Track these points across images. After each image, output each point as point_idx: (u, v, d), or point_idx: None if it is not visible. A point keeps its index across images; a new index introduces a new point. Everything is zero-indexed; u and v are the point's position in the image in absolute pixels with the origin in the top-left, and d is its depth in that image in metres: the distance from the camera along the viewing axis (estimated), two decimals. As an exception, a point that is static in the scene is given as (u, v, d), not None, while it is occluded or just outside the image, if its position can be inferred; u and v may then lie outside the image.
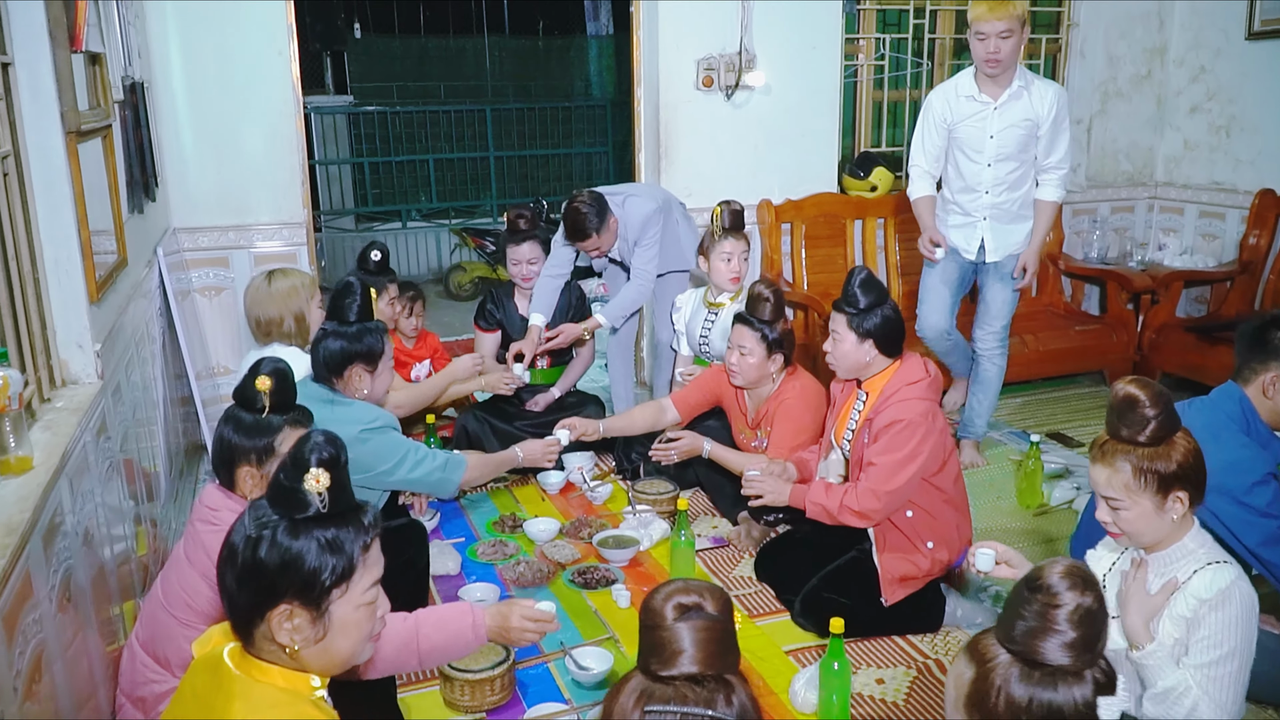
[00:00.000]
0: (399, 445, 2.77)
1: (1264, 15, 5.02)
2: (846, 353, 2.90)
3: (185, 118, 4.28)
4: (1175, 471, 1.90)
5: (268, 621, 1.40)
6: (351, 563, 1.44)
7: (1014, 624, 1.33)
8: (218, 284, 4.48)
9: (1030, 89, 3.70)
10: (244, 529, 1.42)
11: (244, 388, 2.10)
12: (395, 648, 1.96)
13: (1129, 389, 1.93)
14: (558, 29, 12.86)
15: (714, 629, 1.34)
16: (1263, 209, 5.05)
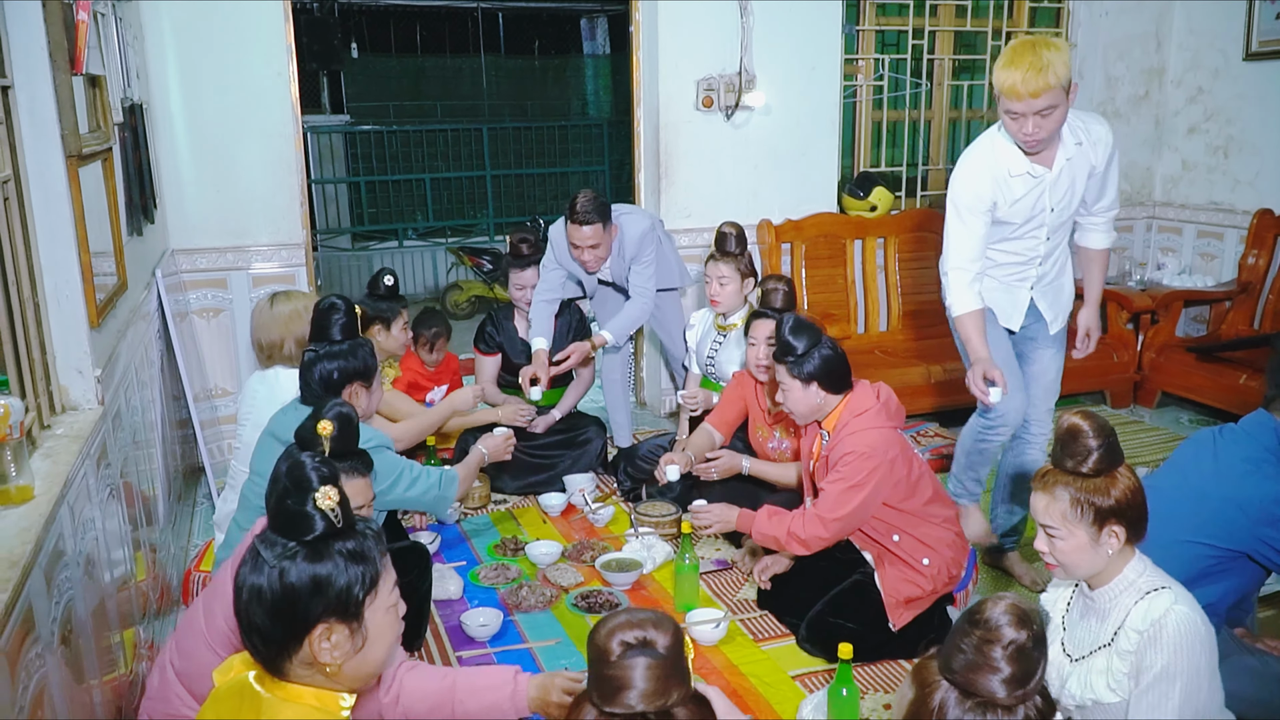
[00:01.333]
0: (395, 464, 2.74)
1: (1261, 36, 5.04)
2: (798, 400, 2.87)
3: (183, 139, 4.27)
4: (1112, 506, 1.90)
5: (307, 645, 1.42)
6: (376, 569, 1.48)
7: (953, 655, 1.38)
8: (216, 305, 4.46)
9: (1088, 136, 2.93)
10: (265, 565, 1.43)
11: (306, 430, 2.04)
12: (428, 706, 1.92)
13: (1074, 420, 1.95)
14: (554, 49, 12.92)
15: (660, 666, 1.36)
16: (1261, 229, 5.06)
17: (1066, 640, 2.09)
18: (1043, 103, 2.68)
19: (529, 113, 12.31)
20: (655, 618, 1.41)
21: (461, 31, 12.34)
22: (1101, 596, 2.00)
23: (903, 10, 5.27)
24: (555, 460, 4.12)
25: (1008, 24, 5.48)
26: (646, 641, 1.38)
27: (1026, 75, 2.64)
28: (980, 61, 5.51)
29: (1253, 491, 2.36)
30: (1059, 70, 2.65)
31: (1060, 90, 2.68)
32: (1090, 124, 2.95)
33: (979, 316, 3.00)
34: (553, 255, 4.08)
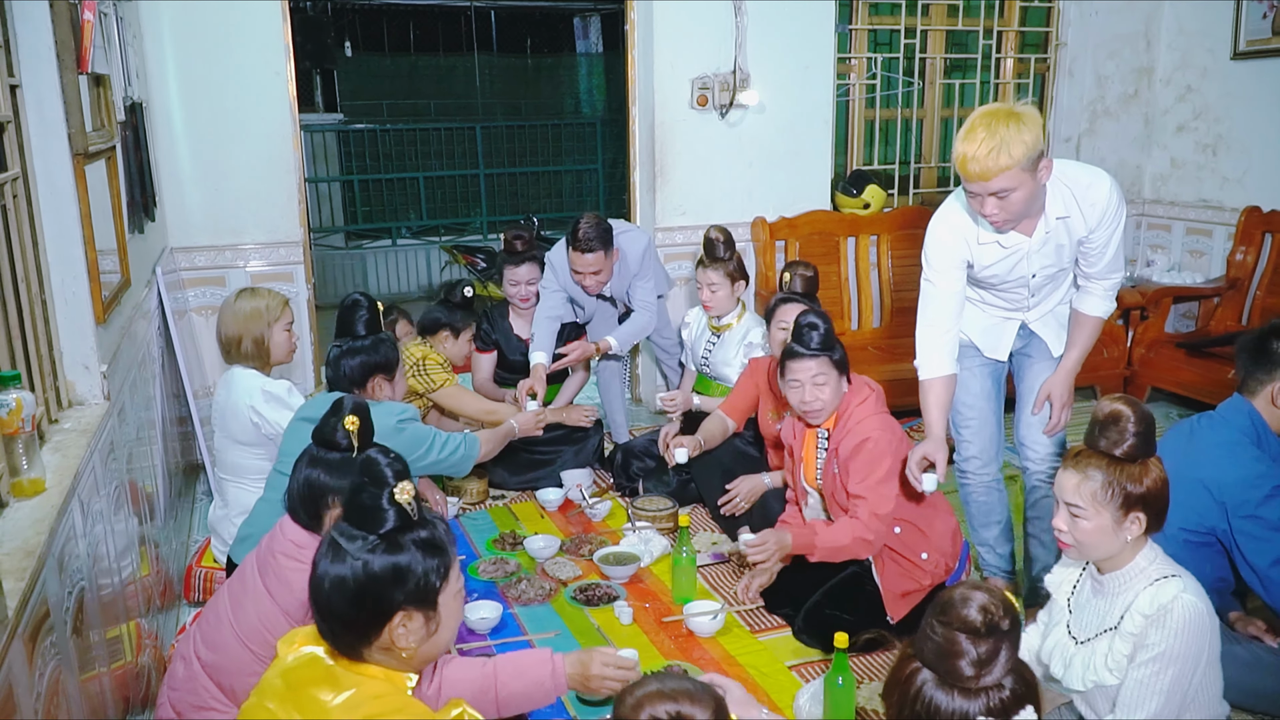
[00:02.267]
0: (427, 431, 2.91)
1: (1249, 36, 5.10)
2: (833, 393, 2.89)
3: (182, 137, 4.29)
4: (1142, 494, 1.95)
5: (386, 632, 1.50)
6: (449, 557, 1.57)
7: (924, 642, 1.43)
8: (214, 303, 4.47)
9: (1079, 204, 2.59)
10: (349, 557, 1.51)
11: (329, 428, 2.11)
12: (472, 694, 1.97)
13: (1116, 405, 1.98)
14: (547, 47, 12.94)
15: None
16: (1249, 226, 5.12)
17: (1073, 623, 2.13)
18: (998, 184, 2.42)
19: (522, 111, 12.33)
20: (692, 690, 1.23)
21: (454, 30, 12.35)
22: (1111, 581, 2.04)
23: (895, 9, 5.31)
24: (553, 456, 4.16)
25: (999, 23, 5.53)
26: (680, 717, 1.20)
27: (978, 153, 2.39)
28: (972, 60, 5.56)
29: (1225, 474, 2.42)
30: (1015, 150, 2.37)
31: (1020, 171, 2.40)
32: (1088, 187, 2.59)
33: (943, 387, 2.78)
34: (553, 277, 4.12)
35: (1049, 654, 2.17)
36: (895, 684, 1.46)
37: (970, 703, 1.38)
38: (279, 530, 2.14)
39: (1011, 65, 5.67)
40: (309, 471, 2.10)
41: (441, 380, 3.75)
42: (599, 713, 2.57)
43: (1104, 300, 2.78)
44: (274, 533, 2.17)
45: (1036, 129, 2.41)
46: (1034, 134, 2.39)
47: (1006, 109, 2.44)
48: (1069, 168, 2.63)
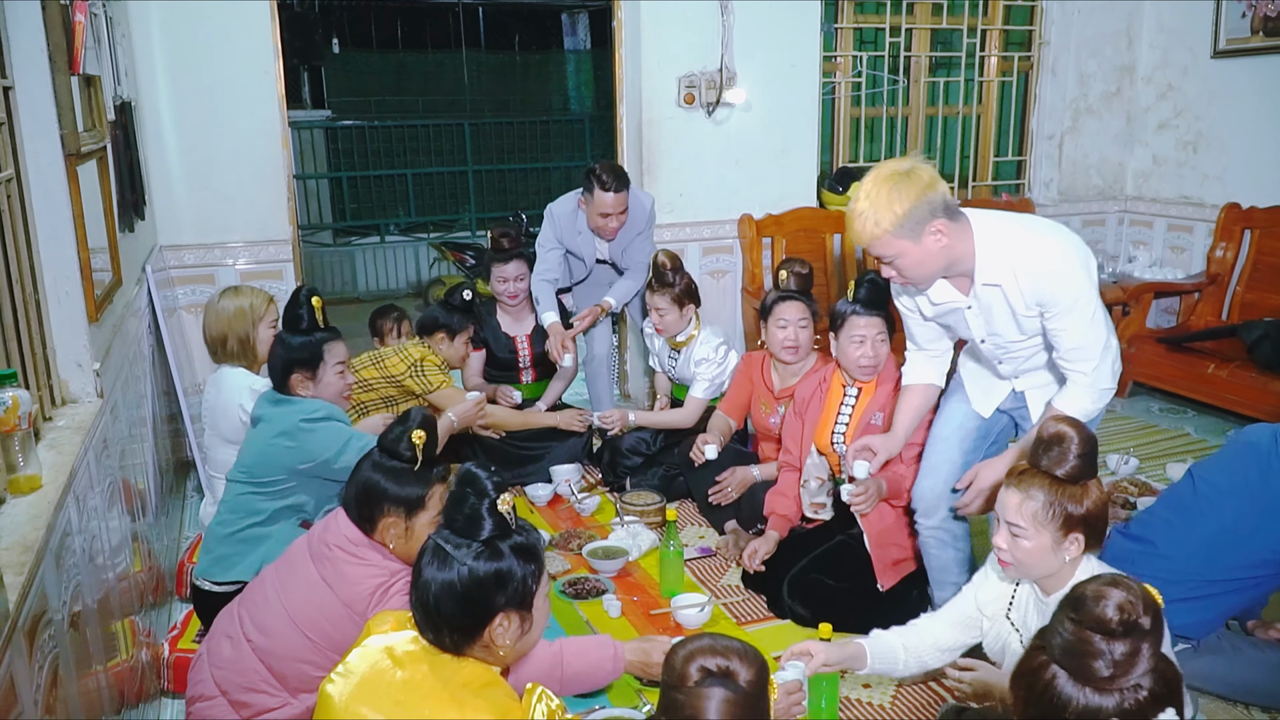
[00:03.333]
0: (340, 433, 2.77)
1: (1228, 35, 5.17)
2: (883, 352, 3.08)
3: (171, 136, 4.31)
4: (1082, 515, 1.97)
5: (487, 632, 1.62)
6: (542, 561, 1.69)
7: (1053, 636, 1.36)
8: (203, 301, 4.44)
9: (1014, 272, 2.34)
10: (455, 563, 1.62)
11: (395, 438, 2.15)
12: (542, 670, 2.11)
13: (1060, 426, 2.00)
14: (535, 44, 12.95)
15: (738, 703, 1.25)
16: (1229, 222, 5.19)
17: (1025, 640, 2.16)
18: (877, 250, 2.33)
19: (510, 108, 12.34)
20: (742, 648, 1.33)
21: (442, 26, 12.36)
22: (1056, 601, 2.07)
23: (880, 8, 5.36)
24: (541, 452, 4.19)
25: (983, 22, 5.59)
26: (728, 672, 1.28)
27: (854, 219, 2.32)
28: (956, 58, 5.61)
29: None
30: (884, 219, 2.25)
31: (894, 239, 2.28)
32: (1030, 259, 2.33)
33: (919, 394, 2.75)
34: (552, 233, 4.19)
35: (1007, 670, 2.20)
36: (1023, 674, 1.39)
37: (1104, 699, 1.30)
38: (334, 521, 2.20)
39: (995, 63, 5.73)
40: (369, 475, 2.16)
41: (439, 382, 3.75)
42: (588, 704, 2.61)
43: (1077, 396, 2.43)
44: (328, 522, 2.23)
45: (915, 196, 2.25)
46: (911, 202, 2.24)
47: (896, 171, 2.29)
48: (1022, 231, 2.38)
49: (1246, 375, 4.48)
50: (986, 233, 2.36)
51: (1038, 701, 1.34)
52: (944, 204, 2.29)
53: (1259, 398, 4.40)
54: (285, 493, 2.78)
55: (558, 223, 4.20)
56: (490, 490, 1.66)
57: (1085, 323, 2.35)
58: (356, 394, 3.74)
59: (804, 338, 3.50)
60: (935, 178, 2.31)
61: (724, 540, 3.57)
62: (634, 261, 4.25)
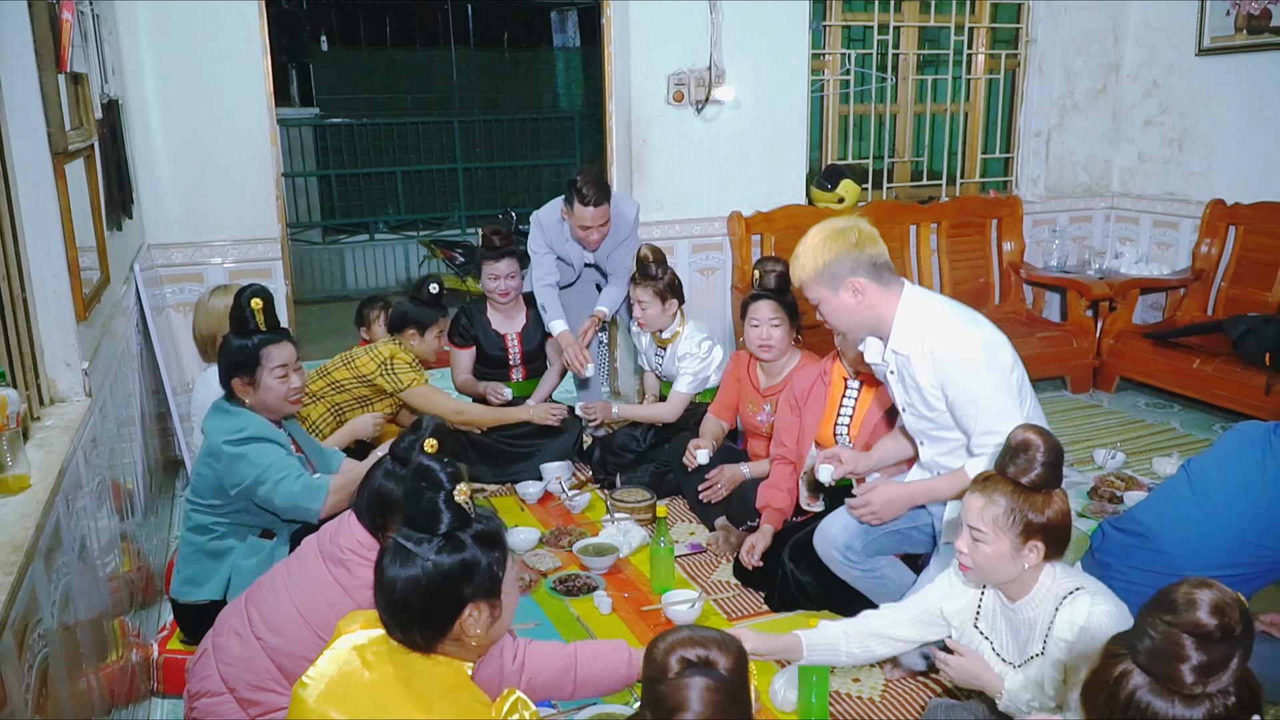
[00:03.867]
0: (259, 462, 2.64)
1: (1213, 33, 5.20)
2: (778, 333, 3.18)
3: (159, 134, 4.30)
4: (1042, 523, 1.99)
5: (459, 623, 1.60)
6: (505, 547, 1.68)
7: (1140, 638, 1.30)
8: (192, 299, 4.46)
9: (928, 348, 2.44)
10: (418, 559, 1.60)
11: (407, 446, 2.12)
12: (556, 672, 2.12)
13: (1027, 434, 2.01)
14: (524, 41, 12.94)
15: (719, 689, 1.28)
16: (1214, 218, 5.22)
17: (997, 647, 2.18)
18: (805, 293, 2.54)
19: (500, 105, 12.32)
20: (720, 638, 1.34)
21: (431, 24, 12.33)
22: (1023, 608, 2.09)
23: (868, 6, 5.37)
24: (532, 449, 4.20)
25: (970, 19, 5.61)
26: (708, 661, 1.30)
27: (790, 263, 2.54)
28: (944, 56, 5.63)
29: None
30: (806, 267, 2.46)
31: (815, 285, 2.47)
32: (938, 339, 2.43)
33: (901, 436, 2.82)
34: (542, 240, 4.22)
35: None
36: (1100, 685, 1.32)
37: (1193, 710, 1.25)
38: (347, 524, 2.19)
39: (983, 61, 5.75)
40: (382, 483, 2.16)
41: (409, 380, 3.71)
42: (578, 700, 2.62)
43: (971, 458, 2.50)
44: (340, 524, 2.22)
45: (839, 251, 2.42)
46: (833, 255, 2.42)
47: (835, 227, 2.47)
48: (944, 314, 2.49)
49: (1231, 370, 4.51)
50: (911, 305, 2.49)
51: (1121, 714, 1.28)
52: (870, 265, 2.45)
53: (1244, 392, 4.43)
54: (230, 511, 2.74)
55: (545, 229, 4.23)
56: (445, 482, 1.64)
57: (995, 414, 2.40)
58: (330, 395, 3.74)
59: (777, 336, 3.51)
60: (868, 239, 2.47)
61: (714, 537, 3.58)
62: (619, 267, 4.28)
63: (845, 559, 2.79)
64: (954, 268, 5.54)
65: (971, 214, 5.61)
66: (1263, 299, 4.90)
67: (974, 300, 5.53)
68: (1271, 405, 4.23)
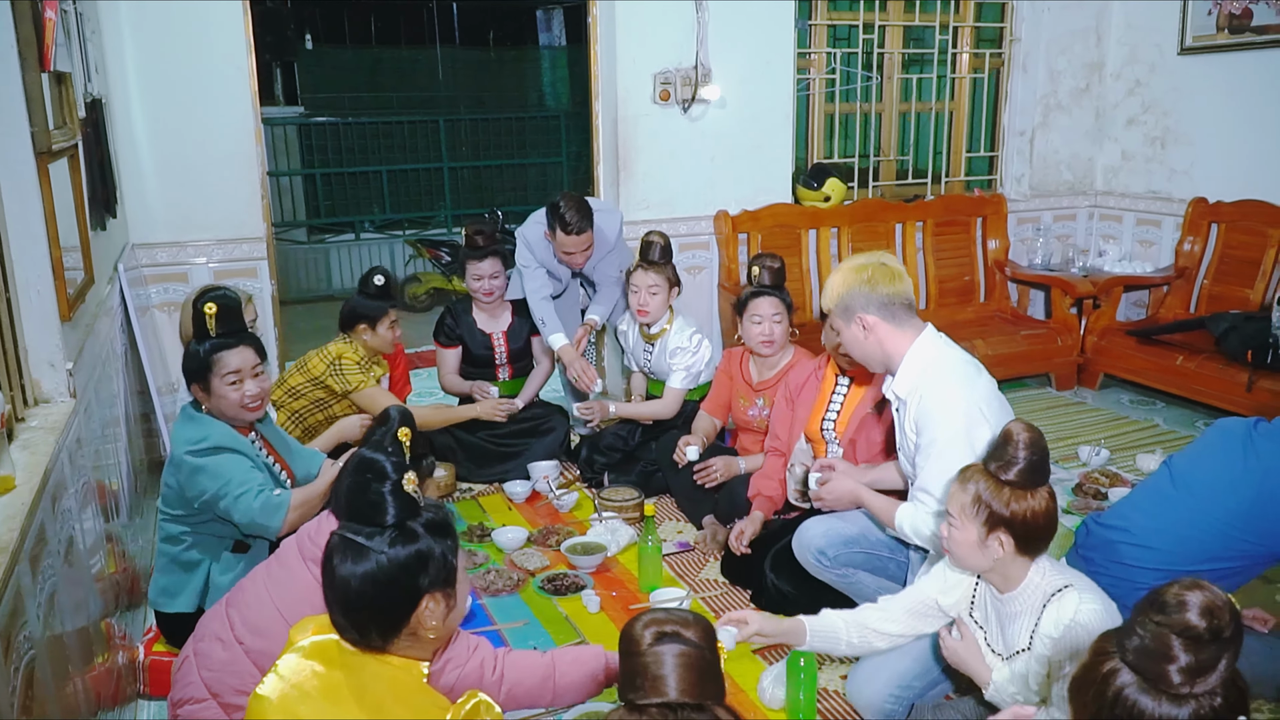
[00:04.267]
0: (220, 475, 2.59)
1: (1195, 32, 5.24)
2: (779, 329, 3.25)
3: (143, 133, 4.27)
4: (1006, 517, 1.99)
5: (415, 616, 1.56)
6: (456, 534, 1.64)
7: (1129, 636, 1.30)
8: (176, 299, 4.46)
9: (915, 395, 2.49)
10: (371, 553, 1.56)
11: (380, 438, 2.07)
12: (535, 682, 2.10)
13: (1013, 427, 2.02)
14: (510, 40, 12.91)
15: (693, 656, 1.31)
16: (1196, 217, 5.26)
17: (990, 638, 2.20)
18: (830, 320, 2.66)
19: (486, 104, 12.28)
20: (690, 617, 1.38)
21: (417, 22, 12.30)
22: (1012, 601, 2.11)
23: (853, 5, 5.39)
24: (520, 449, 4.20)
25: (955, 19, 5.64)
26: (680, 634, 1.34)
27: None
28: (929, 55, 5.66)
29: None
30: (828, 295, 2.59)
31: (834, 315, 2.59)
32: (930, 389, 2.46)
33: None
34: (530, 255, 4.21)
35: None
36: (1089, 682, 1.33)
37: (1179, 709, 1.25)
38: (326, 523, 2.16)
39: (967, 60, 5.78)
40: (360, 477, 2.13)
41: (357, 382, 3.66)
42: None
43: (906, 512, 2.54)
44: (320, 523, 2.19)
45: (855, 285, 2.51)
46: (845, 290, 2.53)
47: (861, 261, 2.57)
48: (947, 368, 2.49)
49: (1214, 366, 4.55)
50: (920, 352, 2.51)
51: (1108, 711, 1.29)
52: (882, 303, 2.50)
53: (1227, 389, 4.47)
54: (196, 521, 2.71)
55: (532, 246, 4.22)
56: (391, 472, 1.60)
57: (938, 471, 2.41)
58: (289, 403, 3.72)
59: (778, 332, 3.53)
60: (884, 277, 2.50)
61: (702, 535, 3.59)
62: (606, 277, 4.32)
63: (819, 563, 2.81)
64: (939, 266, 5.56)
65: (957, 212, 5.63)
66: (1245, 296, 4.94)
67: (959, 298, 5.58)
68: (1254, 402, 4.27)
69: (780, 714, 2.56)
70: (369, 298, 3.82)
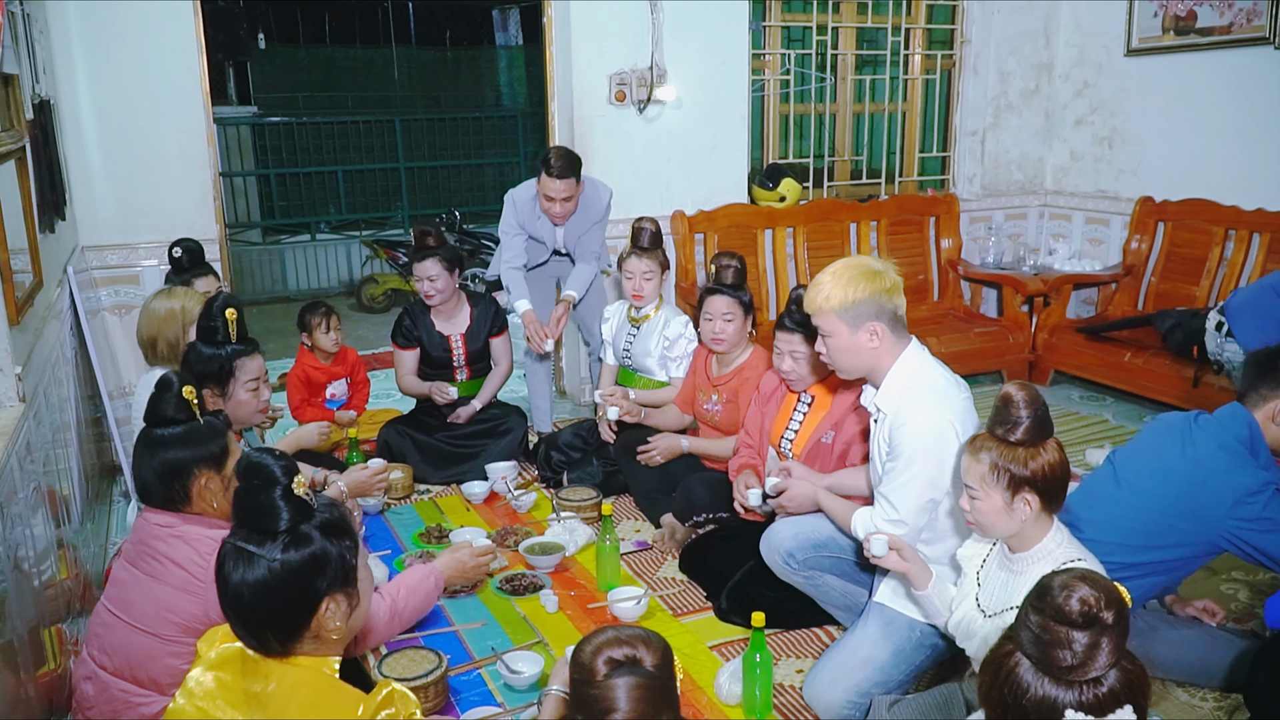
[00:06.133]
0: None
1: (1141, 34, 5.35)
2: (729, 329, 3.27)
3: (92, 134, 4.21)
4: (1027, 476, 2.03)
5: (316, 620, 1.54)
6: (354, 533, 1.62)
7: (1020, 629, 1.36)
8: (128, 302, 4.41)
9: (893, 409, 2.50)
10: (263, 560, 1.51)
11: (164, 405, 2.16)
12: (384, 623, 2.25)
13: (1009, 389, 2.06)
14: (466, 40, 12.86)
15: (648, 686, 1.31)
16: (1143, 215, 5.38)
17: (981, 595, 2.23)
18: (817, 321, 2.54)
19: (443, 104, 12.23)
20: (644, 635, 1.36)
21: (371, 22, 12.21)
22: (1020, 560, 2.13)
23: (807, 7, 5.45)
24: (477, 449, 4.19)
25: (906, 20, 5.71)
26: (634, 660, 1.33)
27: (813, 285, 2.54)
28: (882, 57, 5.73)
29: (1225, 480, 2.47)
30: (835, 296, 2.47)
31: (835, 318, 2.48)
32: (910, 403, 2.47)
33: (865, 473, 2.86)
34: (514, 219, 4.25)
35: (957, 625, 2.28)
36: (991, 662, 1.38)
37: (1062, 692, 1.30)
38: (143, 521, 2.15)
39: (919, 61, 5.86)
40: (162, 454, 2.11)
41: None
42: (526, 699, 2.63)
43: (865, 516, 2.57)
44: (137, 525, 2.18)
45: (870, 292, 2.45)
46: (864, 294, 2.45)
47: (868, 265, 2.50)
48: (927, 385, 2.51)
49: (1161, 362, 4.66)
50: (905, 366, 2.53)
51: (1000, 687, 1.35)
52: (892, 313, 2.49)
53: (1173, 384, 4.58)
54: None
55: (519, 208, 4.27)
56: (280, 476, 1.55)
57: (901, 483, 2.45)
58: None
59: (729, 330, 3.56)
60: (896, 289, 2.50)
61: (660, 534, 3.61)
62: (587, 251, 4.33)
63: (787, 565, 2.83)
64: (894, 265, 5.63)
65: (910, 212, 5.71)
66: (1190, 293, 5.06)
67: (913, 297, 5.64)
68: (1199, 396, 4.37)
69: (737, 710, 2.59)
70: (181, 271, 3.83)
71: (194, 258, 3.93)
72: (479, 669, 2.79)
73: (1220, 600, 2.92)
